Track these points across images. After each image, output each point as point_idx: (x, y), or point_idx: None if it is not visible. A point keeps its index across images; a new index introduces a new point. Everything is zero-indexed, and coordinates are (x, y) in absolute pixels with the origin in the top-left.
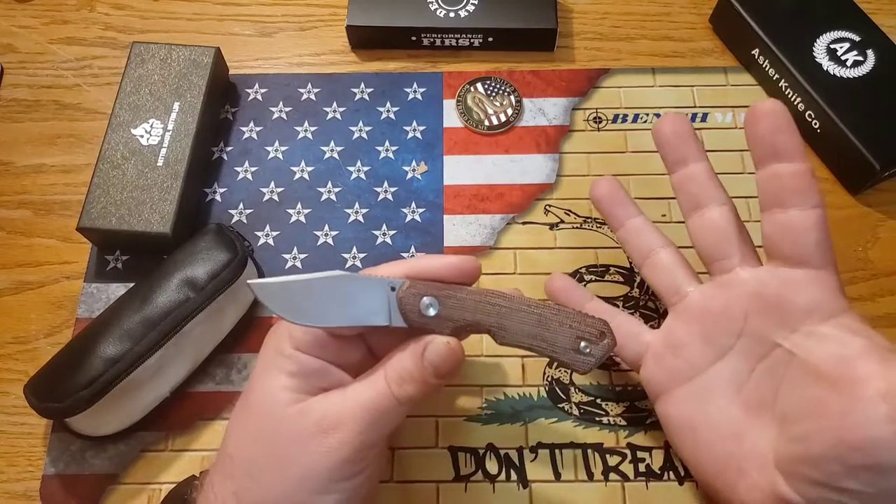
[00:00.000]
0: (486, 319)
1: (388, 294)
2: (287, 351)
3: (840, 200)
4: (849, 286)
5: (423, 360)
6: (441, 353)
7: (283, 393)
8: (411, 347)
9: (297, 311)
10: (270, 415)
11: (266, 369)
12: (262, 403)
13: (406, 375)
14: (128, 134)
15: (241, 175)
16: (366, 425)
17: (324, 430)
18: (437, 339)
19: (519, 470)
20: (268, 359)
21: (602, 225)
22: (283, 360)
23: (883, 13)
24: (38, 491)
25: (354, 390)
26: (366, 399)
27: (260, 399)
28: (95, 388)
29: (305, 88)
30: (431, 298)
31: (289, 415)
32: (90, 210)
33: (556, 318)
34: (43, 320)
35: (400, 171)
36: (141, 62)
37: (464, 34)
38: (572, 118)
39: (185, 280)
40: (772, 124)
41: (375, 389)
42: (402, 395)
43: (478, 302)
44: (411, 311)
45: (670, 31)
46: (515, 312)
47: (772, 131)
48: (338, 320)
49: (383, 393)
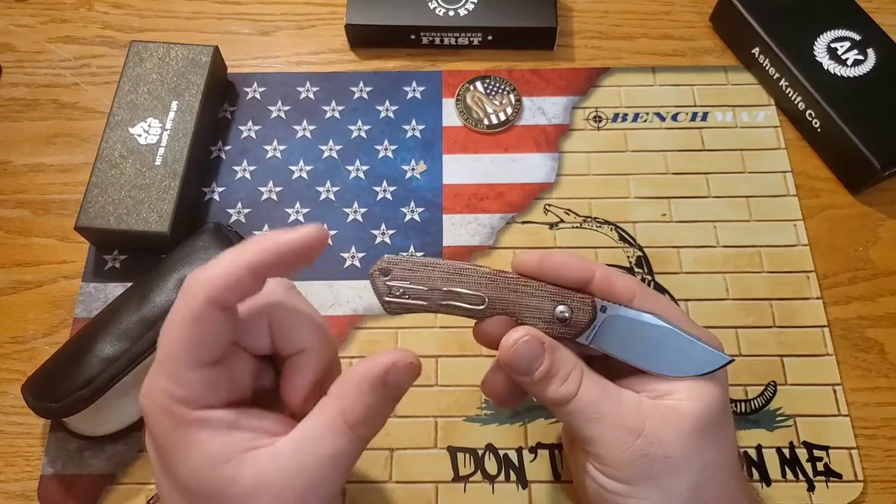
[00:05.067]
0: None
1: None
2: (188, 417)
3: (840, 200)
4: (849, 286)
5: (387, 387)
6: (409, 374)
7: (218, 469)
8: (365, 377)
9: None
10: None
11: (178, 451)
12: (204, 492)
13: (371, 412)
14: (126, 133)
15: (239, 174)
16: (336, 481)
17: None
18: (399, 363)
19: (518, 470)
20: (171, 439)
21: (602, 224)
22: (190, 431)
23: (883, 12)
24: (36, 491)
25: (311, 442)
26: (329, 451)
27: (198, 487)
28: (93, 387)
29: (304, 87)
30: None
31: (240, 496)
32: (88, 209)
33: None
34: (41, 320)
35: (399, 170)
36: (139, 61)
37: (463, 33)
38: (572, 117)
39: (183, 279)
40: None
41: (337, 436)
42: (368, 434)
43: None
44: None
45: (670, 30)
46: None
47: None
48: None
49: (347, 438)
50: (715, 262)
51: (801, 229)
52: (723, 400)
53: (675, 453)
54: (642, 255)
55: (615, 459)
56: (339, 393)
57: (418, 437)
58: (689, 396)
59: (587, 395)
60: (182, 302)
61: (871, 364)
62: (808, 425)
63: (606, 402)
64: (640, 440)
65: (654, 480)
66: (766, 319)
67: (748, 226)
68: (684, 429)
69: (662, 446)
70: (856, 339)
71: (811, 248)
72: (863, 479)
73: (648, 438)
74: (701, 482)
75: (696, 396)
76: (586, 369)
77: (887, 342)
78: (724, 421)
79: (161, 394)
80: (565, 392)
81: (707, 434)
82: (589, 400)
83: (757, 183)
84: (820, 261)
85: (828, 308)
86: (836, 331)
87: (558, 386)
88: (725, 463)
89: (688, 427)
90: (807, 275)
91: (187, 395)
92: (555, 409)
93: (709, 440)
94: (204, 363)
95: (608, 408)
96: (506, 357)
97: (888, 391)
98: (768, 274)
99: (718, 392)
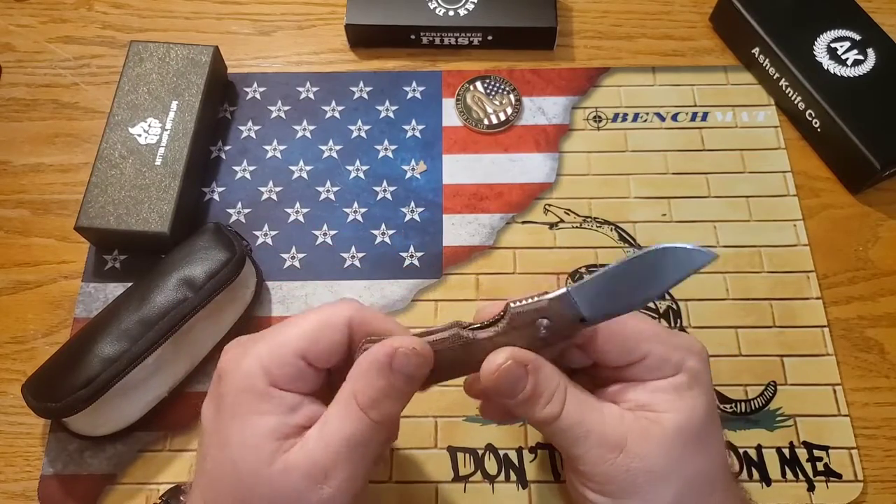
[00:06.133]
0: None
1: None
2: (264, 389)
3: (840, 200)
4: (849, 286)
5: (393, 372)
6: (412, 362)
7: (265, 443)
8: (373, 361)
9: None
10: (256, 475)
11: (239, 414)
12: (247, 460)
13: (379, 395)
14: (126, 133)
15: (239, 174)
16: (354, 462)
17: (316, 482)
18: (401, 349)
19: (518, 470)
20: (239, 401)
21: (602, 224)
22: (259, 401)
23: (883, 12)
24: (36, 491)
25: (331, 428)
26: (346, 434)
27: (243, 453)
28: (93, 387)
29: (304, 87)
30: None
31: (274, 474)
32: (88, 209)
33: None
34: (41, 320)
35: (399, 170)
36: (139, 61)
37: (463, 33)
38: (572, 117)
39: (184, 279)
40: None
41: (352, 420)
42: (379, 417)
43: None
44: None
45: (670, 30)
46: None
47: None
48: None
49: (361, 421)
50: (715, 262)
51: (801, 229)
52: (706, 409)
53: (657, 467)
54: None
55: (599, 475)
56: (352, 376)
57: (418, 436)
58: (670, 408)
59: (571, 414)
60: (331, 307)
61: (871, 364)
62: (808, 425)
63: (589, 421)
64: (622, 456)
65: (639, 494)
66: (766, 319)
67: (748, 226)
68: (666, 441)
69: (644, 461)
70: (856, 339)
71: (811, 248)
72: (863, 479)
73: (630, 454)
74: (686, 492)
75: (676, 408)
76: (570, 386)
77: (887, 342)
78: (708, 430)
79: (254, 358)
80: (549, 413)
81: (690, 444)
82: (572, 420)
83: (757, 183)
84: (820, 261)
85: (828, 308)
86: (836, 331)
87: (542, 407)
88: (712, 472)
89: (669, 439)
90: (807, 275)
91: (276, 373)
92: (539, 427)
93: (692, 450)
94: (307, 359)
95: (591, 426)
96: (488, 382)
97: (888, 391)
98: (768, 274)
99: (701, 401)
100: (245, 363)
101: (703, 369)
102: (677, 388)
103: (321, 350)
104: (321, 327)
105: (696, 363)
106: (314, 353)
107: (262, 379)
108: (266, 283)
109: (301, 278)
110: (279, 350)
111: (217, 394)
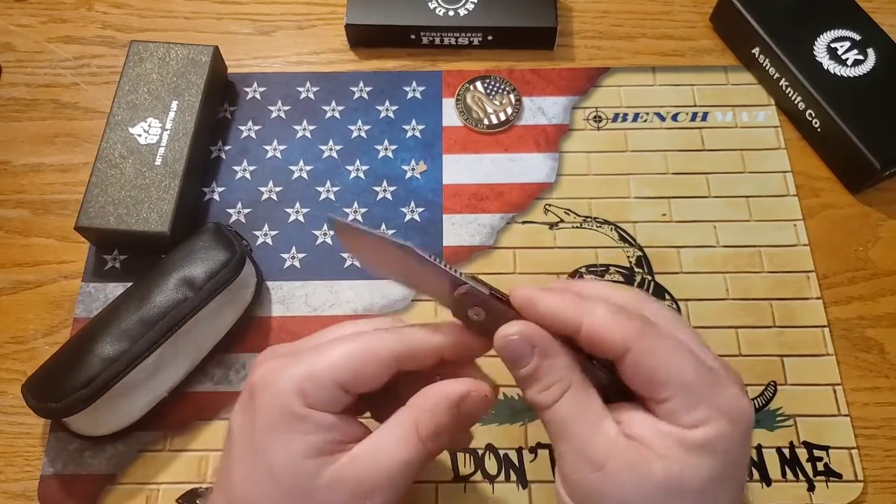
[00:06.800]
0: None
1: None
2: (300, 411)
3: (840, 200)
4: (849, 286)
5: (460, 413)
6: (480, 406)
7: (307, 461)
8: (444, 398)
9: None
10: (298, 489)
11: (277, 431)
12: (287, 476)
13: (441, 430)
14: (126, 133)
15: (239, 174)
16: (400, 486)
17: (360, 499)
18: (474, 393)
19: (518, 470)
20: (274, 420)
21: (602, 224)
22: (297, 422)
23: (883, 12)
24: (36, 491)
25: (385, 449)
26: (402, 460)
27: (284, 470)
28: (93, 387)
29: (304, 87)
30: (478, 310)
31: (319, 488)
32: (88, 209)
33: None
34: (41, 320)
35: (399, 170)
36: (139, 61)
37: (463, 33)
38: (572, 117)
39: (184, 279)
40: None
41: (410, 448)
42: (435, 448)
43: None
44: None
45: (670, 30)
46: None
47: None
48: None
49: (418, 450)
50: (715, 262)
51: (801, 229)
52: (713, 475)
53: (632, 502)
54: (642, 255)
55: (573, 482)
56: (416, 405)
57: None
58: (667, 454)
59: (562, 410)
60: (376, 337)
61: (871, 364)
62: (808, 425)
63: (579, 426)
64: (598, 475)
65: None
66: (766, 319)
67: (748, 226)
68: (647, 484)
69: (621, 490)
70: (856, 339)
71: (811, 248)
72: (863, 479)
73: (608, 476)
74: None
75: (675, 457)
76: (578, 387)
77: (887, 342)
78: (710, 498)
79: (291, 381)
80: (542, 399)
81: (676, 500)
82: (562, 417)
83: (757, 183)
84: (820, 261)
85: (828, 308)
86: (836, 331)
87: (538, 391)
88: None
89: (652, 484)
90: (807, 275)
91: (312, 397)
92: (534, 410)
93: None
94: (344, 388)
95: (578, 431)
96: (497, 345)
97: (888, 391)
98: (768, 274)
99: (709, 465)
100: (280, 384)
101: (731, 438)
102: (683, 442)
103: (362, 383)
104: (364, 360)
105: (725, 430)
106: (354, 385)
107: (298, 401)
108: (266, 283)
109: (301, 278)
110: (318, 376)
111: (250, 406)
